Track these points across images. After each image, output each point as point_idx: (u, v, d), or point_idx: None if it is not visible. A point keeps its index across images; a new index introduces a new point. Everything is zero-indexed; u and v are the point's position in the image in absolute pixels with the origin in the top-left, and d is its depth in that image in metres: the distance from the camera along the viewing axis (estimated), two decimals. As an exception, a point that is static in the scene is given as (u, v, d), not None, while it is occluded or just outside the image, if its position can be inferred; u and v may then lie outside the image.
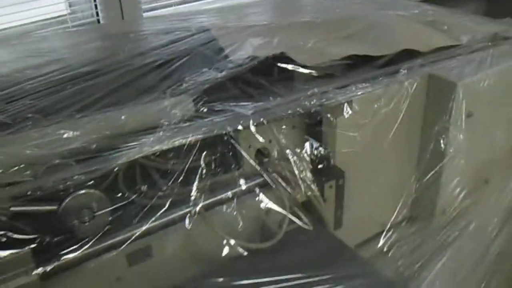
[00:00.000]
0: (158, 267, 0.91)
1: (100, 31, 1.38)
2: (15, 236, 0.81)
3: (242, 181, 0.94)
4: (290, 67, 1.08)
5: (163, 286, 0.90)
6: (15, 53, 1.14)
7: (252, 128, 0.91)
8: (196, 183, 0.89)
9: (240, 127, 0.91)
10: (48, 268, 0.81)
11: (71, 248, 0.84)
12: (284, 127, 0.98)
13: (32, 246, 0.81)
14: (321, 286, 0.85)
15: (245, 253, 0.87)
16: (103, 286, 0.88)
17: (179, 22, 1.33)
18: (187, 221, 0.88)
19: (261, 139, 0.96)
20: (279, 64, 1.09)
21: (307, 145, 1.01)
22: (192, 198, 0.89)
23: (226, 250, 0.88)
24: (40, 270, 0.80)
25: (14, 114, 0.94)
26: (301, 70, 1.08)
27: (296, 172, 0.95)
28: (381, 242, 1.13)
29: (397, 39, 1.21)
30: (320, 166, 1.01)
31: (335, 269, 0.88)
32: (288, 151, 0.97)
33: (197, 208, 0.88)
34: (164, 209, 0.88)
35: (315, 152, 1.01)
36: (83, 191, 0.86)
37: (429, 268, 0.98)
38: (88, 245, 0.85)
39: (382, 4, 1.45)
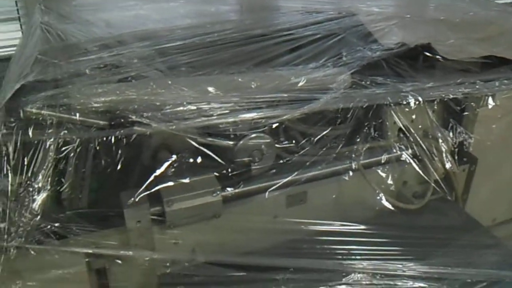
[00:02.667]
0: (308, 212, 1.03)
1: (252, 2, 1.51)
2: (203, 161, 0.95)
3: (392, 150, 1.04)
4: (436, 57, 1.18)
5: (308, 229, 1.01)
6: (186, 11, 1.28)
7: (411, 103, 1.02)
8: (357, 144, 1.01)
9: (399, 100, 1.02)
10: (230, 192, 0.94)
11: (244, 181, 0.98)
12: (435, 107, 1.08)
13: (217, 172, 0.95)
14: (458, 249, 0.94)
15: (394, 209, 0.98)
16: (263, 220, 1.00)
17: (324, 4, 1.44)
18: (346, 174, 0.99)
19: (412, 115, 1.07)
20: (425, 53, 1.20)
21: (450, 128, 1.10)
22: (353, 155, 1.00)
23: (377, 205, 0.98)
24: (223, 193, 0.93)
25: (195, 61, 1.08)
26: (444, 61, 1.18)
27: (443, 149, 1.04)
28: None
29: (533, 47, 1.29)
30: (457, 149, 1.11)
31: (471, 238, 0.98)
32: (435, 130, 1.06)
33: (357, 164, 0.99)
34: (327, 162, 1.00)
35: (457, 135, 1.10)
36: (255, 135, 0.99)
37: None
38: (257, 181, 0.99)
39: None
